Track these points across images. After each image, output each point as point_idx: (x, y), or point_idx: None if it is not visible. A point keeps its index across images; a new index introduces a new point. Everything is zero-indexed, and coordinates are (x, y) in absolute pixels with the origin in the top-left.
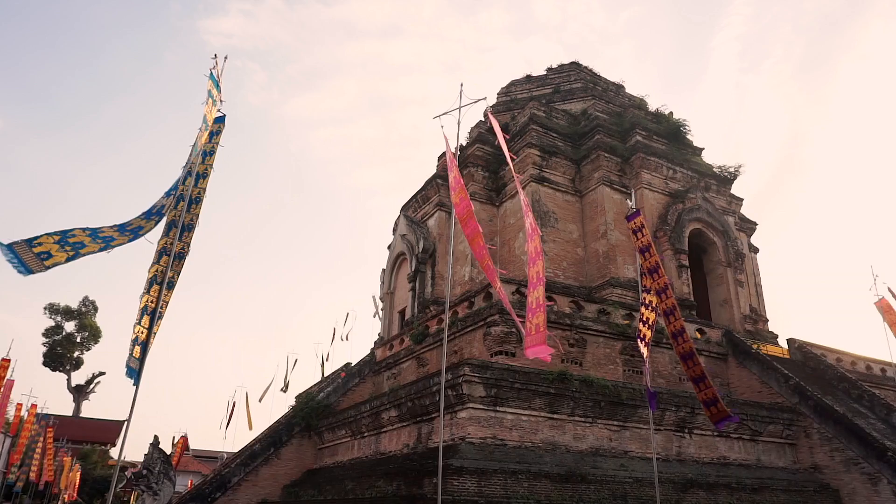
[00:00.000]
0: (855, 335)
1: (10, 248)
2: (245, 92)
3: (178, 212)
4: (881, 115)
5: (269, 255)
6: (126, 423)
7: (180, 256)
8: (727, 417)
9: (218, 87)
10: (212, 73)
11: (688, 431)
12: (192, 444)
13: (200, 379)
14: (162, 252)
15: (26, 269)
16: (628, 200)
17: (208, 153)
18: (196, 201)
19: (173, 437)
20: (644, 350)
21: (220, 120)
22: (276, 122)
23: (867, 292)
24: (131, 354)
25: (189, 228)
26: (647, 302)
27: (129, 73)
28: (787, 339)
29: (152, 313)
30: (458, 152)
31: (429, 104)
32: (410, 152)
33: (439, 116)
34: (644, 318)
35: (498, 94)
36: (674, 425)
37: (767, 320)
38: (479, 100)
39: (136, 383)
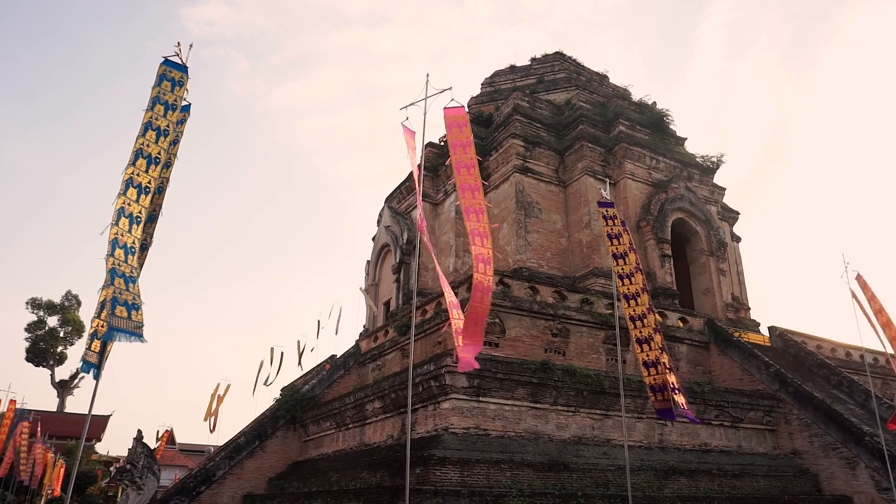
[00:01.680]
0: (835, 322)
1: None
2: (228, 81)
3: (140, 202)
4: (865, 102)
5: (257, 248)
6: (87, 417)
7: (143, 248)
8: (668, 410)
9: (179, 69)
10: (168, 60)
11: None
12: (179, 438)
13: (190, 373)
14: (121, 245)
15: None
16: (602, 191)
17: (174, 142)
18: (159, 191)
19: (157, 431)
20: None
21: (185, 108)
22: (261, 111)
23: (839, 280)
24: (89, 348)
25: (152, 219)
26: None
27: (111, 64)
28: (768, 327)
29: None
30: (443, 143)
31: (415, 93)
32: (397, 142)
33: (405, 108)
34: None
35: (482, 84)
36: (656, 413)
37: (749, 308)
38: (445, 90)
39: (97, 377)
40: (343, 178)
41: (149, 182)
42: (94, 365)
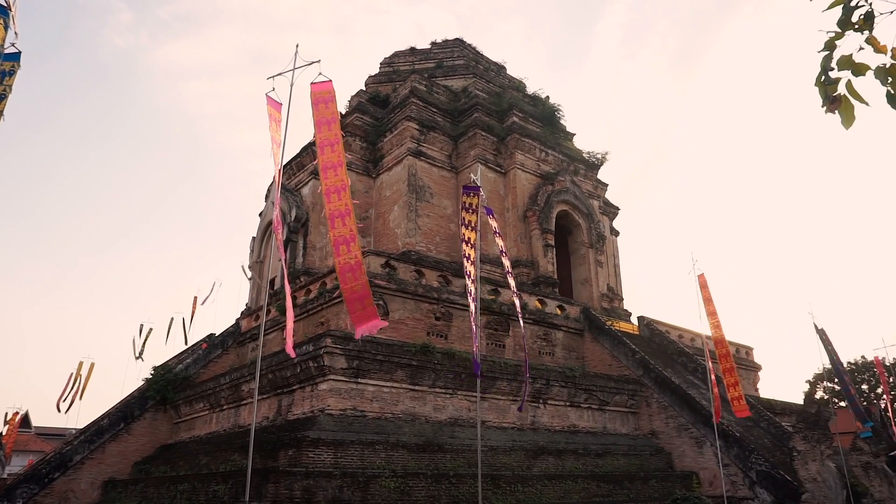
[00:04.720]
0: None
1: None
2: (108, 31)
3: None
4: (737, 108)
5: (134, 217)
6: None
7: None
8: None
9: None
10: None
11: (542, 402)
12: (37, 421)
13: (53, 352)
14: None
15: None
16: (472, 175)
17: None
18: None
19: (6, 414)
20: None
21: (12, 57)
22: (144, 69)
23: (687, 276)
24: None
25: None
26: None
27: None
28: (637, 317)
29: None
30: (340, 119)
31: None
32: (291, 114)
33: (272, 77)
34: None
35: (381, 63)
36: (530, 396)
37: (623, 299)
38: (313, 62)
39: None
40: (233, 147)
41: None
42: None
